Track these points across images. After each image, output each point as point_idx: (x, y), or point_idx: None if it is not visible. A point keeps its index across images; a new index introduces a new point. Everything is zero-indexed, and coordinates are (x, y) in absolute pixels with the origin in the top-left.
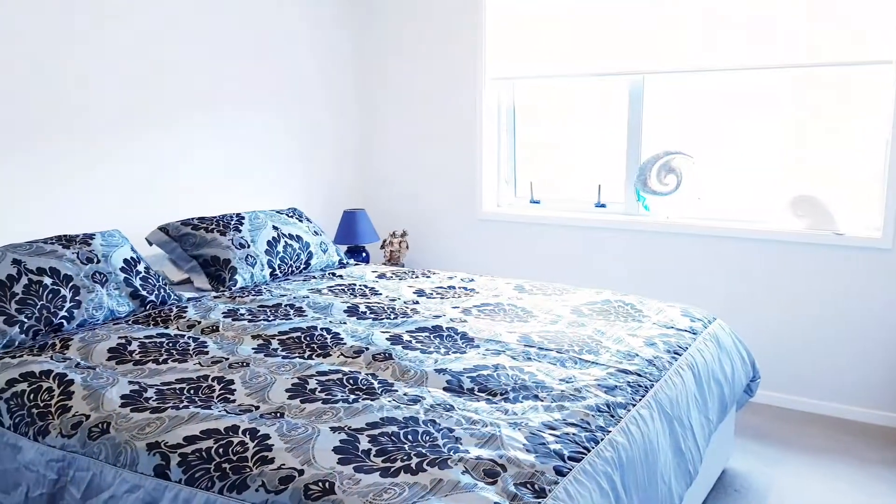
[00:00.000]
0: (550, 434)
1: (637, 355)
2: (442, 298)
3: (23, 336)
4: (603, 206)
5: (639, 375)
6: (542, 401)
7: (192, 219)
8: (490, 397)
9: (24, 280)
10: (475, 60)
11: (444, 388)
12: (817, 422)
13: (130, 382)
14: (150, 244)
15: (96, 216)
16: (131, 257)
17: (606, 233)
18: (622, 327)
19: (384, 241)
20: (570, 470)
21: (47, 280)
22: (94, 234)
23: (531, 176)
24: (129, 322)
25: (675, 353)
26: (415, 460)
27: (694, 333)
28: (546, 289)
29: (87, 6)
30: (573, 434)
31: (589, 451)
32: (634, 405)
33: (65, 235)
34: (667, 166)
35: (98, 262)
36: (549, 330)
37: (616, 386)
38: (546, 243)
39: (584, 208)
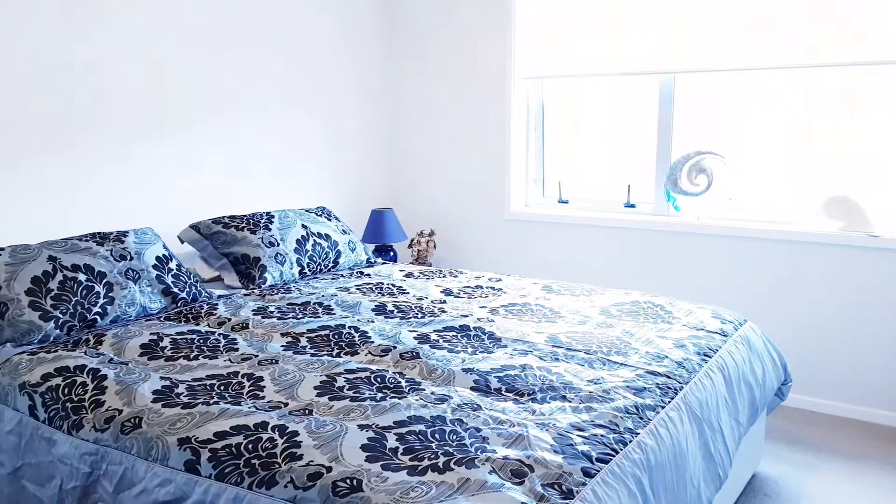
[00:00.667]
0: (578, 435)
1: (666, 357)
2: (469, 298)
3: (58, 331)
4: (632, 206)
5: (668, 377)
6: (570, 402)
7: (223, 217)
8: (517, 397)
9: (59, 276)
10: (504, 59)
11: (472, 388)
12: (850, 426)
13: (162, 378)
14: (182, 242)
15: (129, 214)
16: (163, 255)
17: (636, 233)
18: (651, 328)
19: (412, 241)
20: (598, 471)
21: (82, 276)
22: (128, 232)
23: (559, 175)
24: (161, 319)
25: (705, 355)
26: (442, 459)
27: (724, 335)
28: (574, 289)
29: (118, 6)
30: (601, 435)
31: (617, 452)
32: (664, 407)
33: (99, 233)
34: (698, 166)
35: (131, 259)
36: (577, 331)
37: (645, 388)
38: (574, 243)
39: (613, 208)
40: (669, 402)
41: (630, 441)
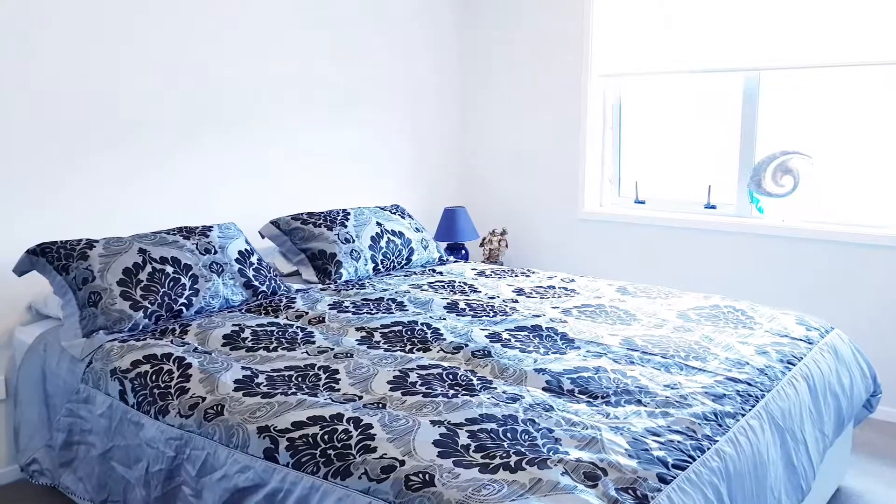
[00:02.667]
0: (654, 440)
1: (747, 363)
2: (541, 298)
3: (146, 321)
4: (713, 207)
5: (749, 384)
6: (646, 406)
7: (302, 214)
8: (591, 400)
9: (148, 268)
10: (581, 57)
11: (544, 388)
12: None
13: (243, 368)
14: (263, 237)
15: (213, 208)
16: (245, 249)
17: (716, 235)
18: (732, 334)
19: (484, 239)
20: (675, 478)
21: (169, 269)
22: (212, 227)
23: (636, 175)
24: (242, 311)
25: (789, 363)
26: (514, 458)
27: (810, 343)
28: (650, 291)
29: (204, 5)
30: (678, 442)
31: (694, 459)
32: (744, 415)
33: (185, 227)
34: (783, 166)
35: (215, 252)
36: (653, 334)
37: (724, 394)
38: (651, 245)
39: (693, 209)
40: (750, 409)
41: (708, 448)
